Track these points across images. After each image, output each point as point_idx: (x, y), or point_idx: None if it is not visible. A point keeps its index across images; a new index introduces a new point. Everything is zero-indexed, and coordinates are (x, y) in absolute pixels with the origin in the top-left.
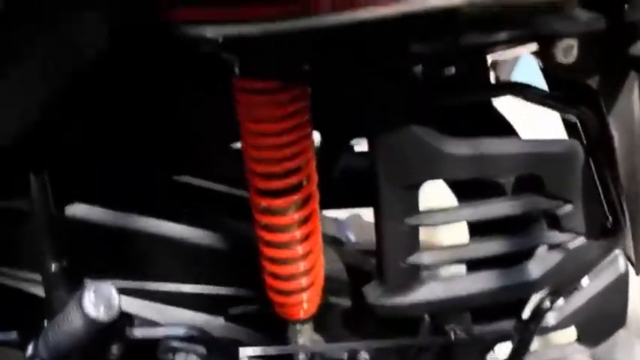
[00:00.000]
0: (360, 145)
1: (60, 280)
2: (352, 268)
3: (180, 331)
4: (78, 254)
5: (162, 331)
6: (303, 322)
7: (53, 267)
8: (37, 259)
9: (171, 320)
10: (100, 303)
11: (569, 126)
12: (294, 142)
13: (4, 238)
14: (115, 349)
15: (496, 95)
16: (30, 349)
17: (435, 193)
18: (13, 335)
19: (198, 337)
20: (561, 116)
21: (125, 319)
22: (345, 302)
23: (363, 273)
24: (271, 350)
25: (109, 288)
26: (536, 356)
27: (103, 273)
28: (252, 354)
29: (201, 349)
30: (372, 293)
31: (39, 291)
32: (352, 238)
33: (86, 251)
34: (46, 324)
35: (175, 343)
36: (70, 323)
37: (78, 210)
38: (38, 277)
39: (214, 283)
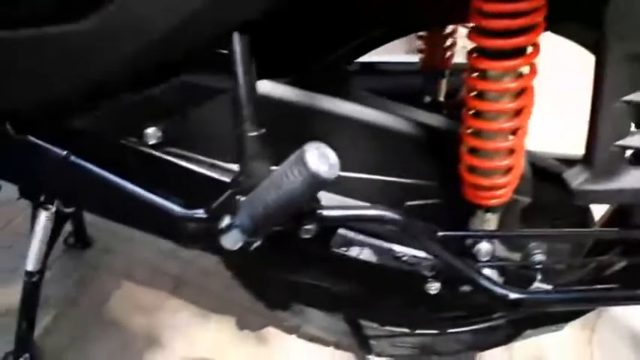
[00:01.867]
0: None
1: (257, 149)
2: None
3: (376, 213)
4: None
5: (356, 212)
6: (494, 210)
7: (250, 138)
8: (221, 144)
9: None
10: (323, 160)
11: None
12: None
13: (190, 124)
14: (308, 227)
15: None
16: (226, 221)
17: None
18: (200, 212)
19: (392, 219)
20: None
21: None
22: (526, 199)
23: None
24: (463, 233)
25: (328, 148)
26: None
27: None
28: (444, 234)
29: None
30: (576, 179)
31: (221, 175)
32: None
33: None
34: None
35: (351, 235)
36: (287, 183)
37: (263, 86)
38: (220, 162)
39: (395, 173)
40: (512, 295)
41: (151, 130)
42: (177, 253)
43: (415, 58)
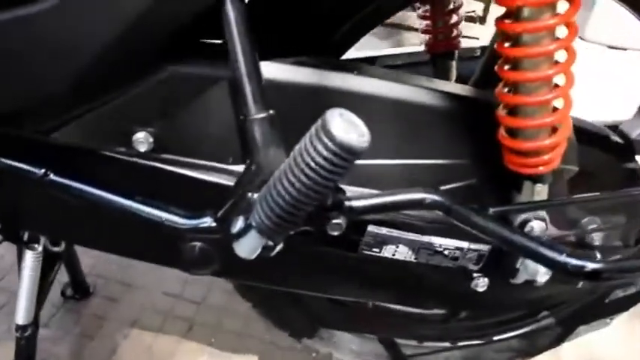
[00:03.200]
0: None
1: (266, 134)
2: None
3: (414, 197)
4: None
5: (390, 198)
6: (543, 179)
7: (257, 122)
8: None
9: None
10: (350, 127)
11: None
12: None
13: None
14: (336, 221)
15: None
16: (239, 224)
17: None
18: (207, 221)
19: (435, 201)
20: None
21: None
22: (573, 168)
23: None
24: (520, 206)
25: (352, 114)
26: None
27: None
28: (497, 210)
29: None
30: (636, 129)
31: (226, 180)
32: None
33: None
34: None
35: (383, 232)
36: (309, 163)
37: (266, 69)
38: (222, 165)
39: (424, 154)
40: (591, 266)
41: (140, 136)
42: (187, 293)
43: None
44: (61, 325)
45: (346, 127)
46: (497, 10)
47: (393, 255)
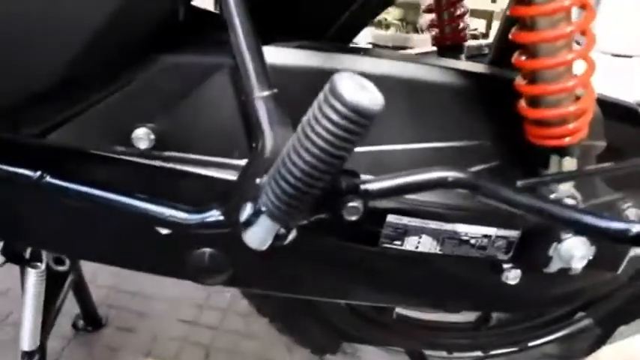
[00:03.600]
0: None
1: (272, 113)
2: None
3: (436, 175)
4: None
5: (410, 179)
6: (570, 151)
7: (262, 100)
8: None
9: None
10: (361, 89)
11: None
12: None
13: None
14: (353, 204)
15: None
16: (247, 210)
17: None
18: (214, 214)
19: (459, 179)
20: None
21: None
22: (601, 143)
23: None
24: (549, 177)
25: (362, 78)
26: None
27: None
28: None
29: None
30: None
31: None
32: None
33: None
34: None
35: (404, 221)
36: (319, 132)
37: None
38: (223, 160)
39: (442, 137)
40: (635, 229)
41: (140, 132)
42: (203, 319)
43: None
44: (73, 358)
45: (357, 89)
46: None
47: (416, 247)
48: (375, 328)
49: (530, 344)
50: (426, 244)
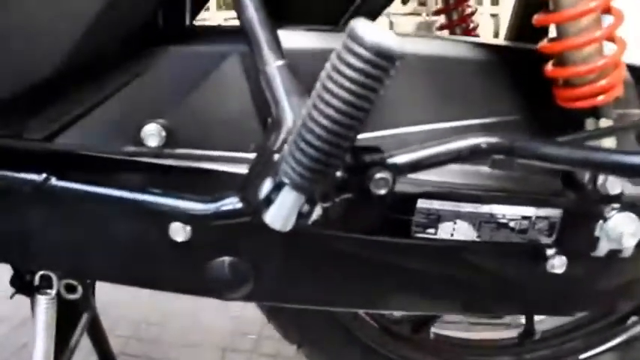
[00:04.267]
0: None
1: (287, 82)
2: None
3: (469, 143)
4: None
5: (441, 148)
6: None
7: (275, 69)
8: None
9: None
10: (381, 32)
11: None
12: None
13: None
14: (380, 175)
15: None
16: (267, 185)
17: None
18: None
19: (493, 144)
20: None
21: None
22: (635, 111)
23: None
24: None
25: (378, 26)
26: None
27: None
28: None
29: None
30: None
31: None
32: None
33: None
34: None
35: (436, 205)
36: (340, 82)
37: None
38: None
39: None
40: None
41: (151, 128)
42: (237, 344)
43: None
44: None
45: (377, 31)
46: None
47: (452, 234)
48: (410, 348)
49: (581, 357)
50: (462, 230)
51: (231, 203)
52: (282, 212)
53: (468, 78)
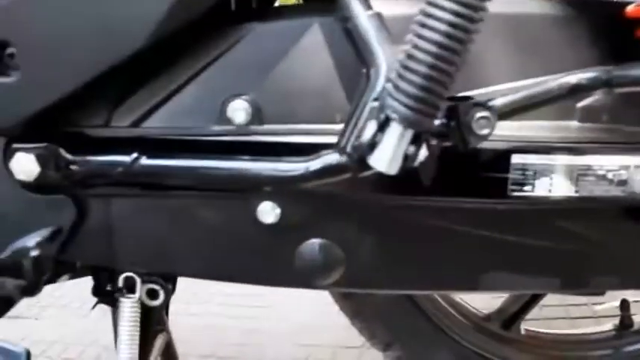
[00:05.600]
0: None
1: (380, 29)
2: None
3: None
4: None
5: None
6: None
7: (368, 18)
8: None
9: None
10: None
11: None
12: None
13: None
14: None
15: None
16: (371, 128)
17: None
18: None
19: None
20: None
21: None
22: None
23: None
24: None
25: None
26: None
27: None
28: None
29: None
30: None
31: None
32: None
33: None
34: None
35: (531, 160)
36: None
37: None
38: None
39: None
40: None
41: (236, 104)
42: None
43: None
44: None
45: None
46: None
47: (550, 191)
48: (504, 346)
49: None
50: (560, 186)
51: (331, 158)
52: (388, 151)
53: (551, 33)
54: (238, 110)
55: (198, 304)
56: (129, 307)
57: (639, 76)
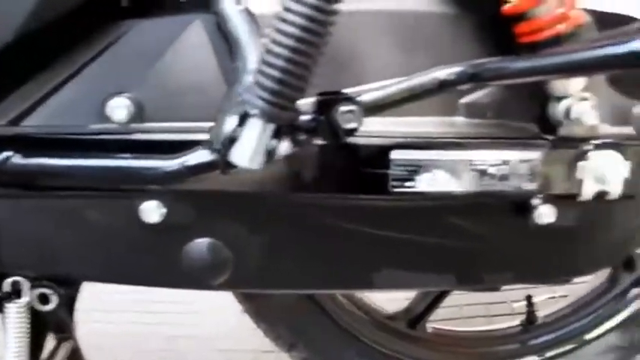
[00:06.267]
0: None
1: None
2: None
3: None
4: None
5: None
6: None
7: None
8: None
9: None
10: None
11: None
12: None
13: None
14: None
15: None
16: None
17: None
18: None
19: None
20: None
21: None
22: None
23: None
24: None
25: None
26: None
27: None
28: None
29: None
30: None
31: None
32: None
33: None
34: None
35: (412, 155)
36: None
37: None
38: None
39: None
40: None
41: (117, 102)
42: None
43: None
44: None
45: None
46: None
47: (432, 186)
48: (410, 344)
49: (586, 337)
50: (442, 181)
51: (201, 155)
52: (249, 146)
53: (431, 29)
54: (119, 108)
55: (120, 312)
56: (14, 312)
57: (503, 71)
